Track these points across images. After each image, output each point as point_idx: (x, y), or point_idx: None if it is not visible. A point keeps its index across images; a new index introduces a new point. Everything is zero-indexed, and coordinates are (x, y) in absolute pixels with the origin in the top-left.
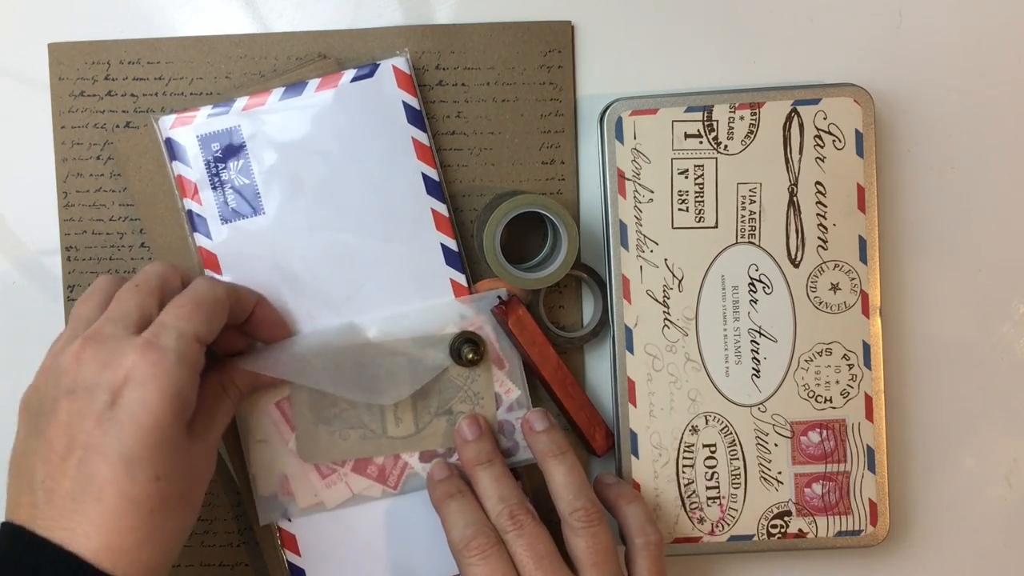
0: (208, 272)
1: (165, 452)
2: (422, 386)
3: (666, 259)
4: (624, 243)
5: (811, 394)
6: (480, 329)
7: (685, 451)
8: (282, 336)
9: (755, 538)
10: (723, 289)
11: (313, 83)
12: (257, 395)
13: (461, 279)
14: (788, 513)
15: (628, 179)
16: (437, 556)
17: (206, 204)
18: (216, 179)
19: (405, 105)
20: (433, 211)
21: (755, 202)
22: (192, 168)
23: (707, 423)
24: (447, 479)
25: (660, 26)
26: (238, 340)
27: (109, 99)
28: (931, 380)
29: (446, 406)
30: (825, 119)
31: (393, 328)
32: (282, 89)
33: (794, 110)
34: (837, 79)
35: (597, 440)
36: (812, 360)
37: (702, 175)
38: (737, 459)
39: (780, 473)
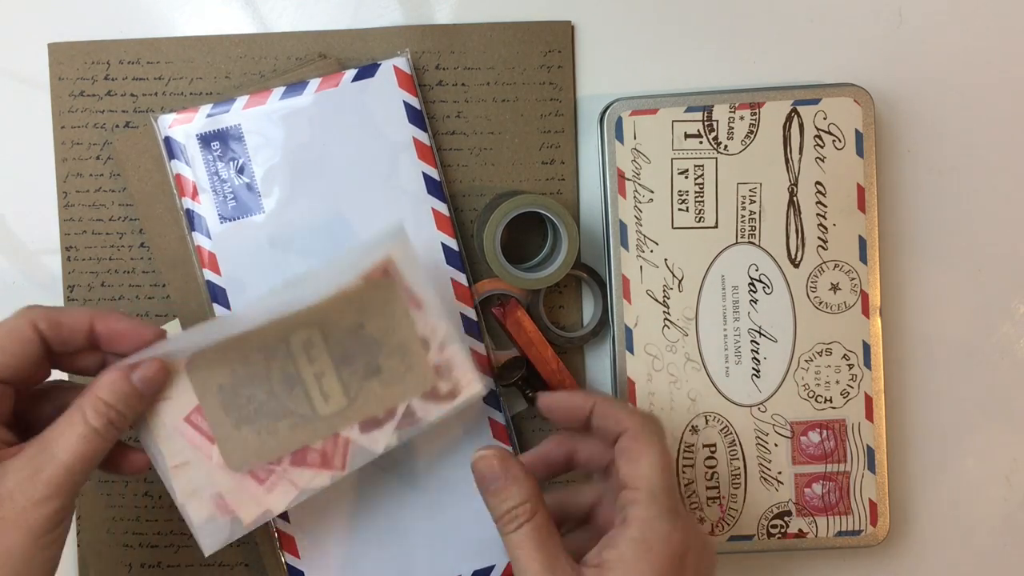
0: (206, 271)
1: None
2: (342, 351)
3: (666, 259)
4: (624, 243)
5: (811, 394)
6: (388, 262)
7: (685, 451)
8: (144, 342)
9: (755, 538)
10: (723, 289)
11: (313, 83)
12: (156, 418)
13: (461, 279)
14: (788, 513)
15: (628, 179)
16: (437, 557)
17: (205, 203)
18: (215, 178)
19: (406, 105)
20: (433, 211)
21: (755, 202)
22: (191, 167)
23: (707, 423)
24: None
25: (660, 26)
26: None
27: (109, 99)
28: (931, 380)
29: (373, 365)
30: (825, 119)
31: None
32: (282, 89)
33: (794, 110)
34: (837, 79)
35: None
36: (812, 360)
37: (702, 175)
38: (737, 459)
39: (780, 473)
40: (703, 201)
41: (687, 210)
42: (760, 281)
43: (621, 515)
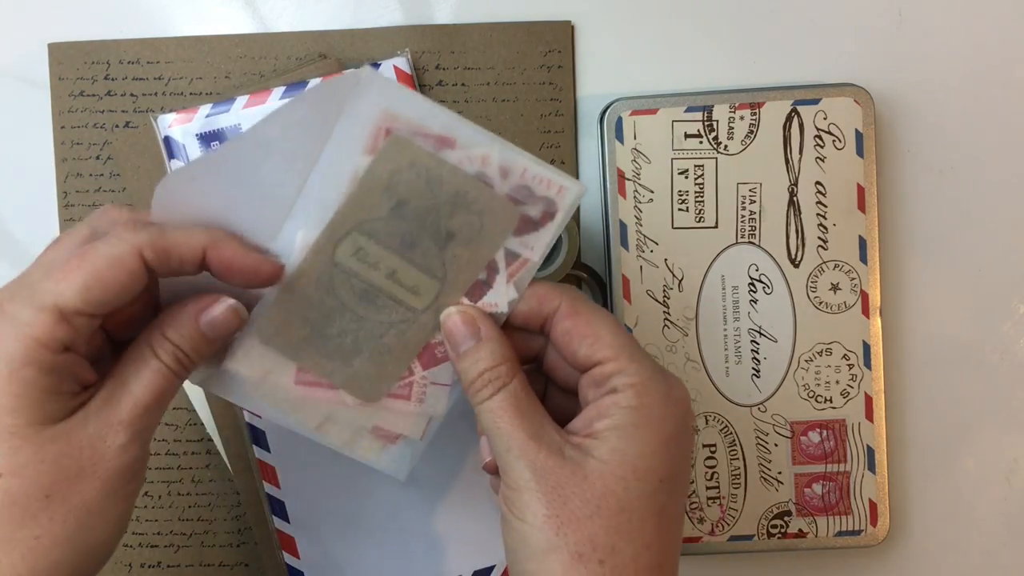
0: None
1: (5, 441)
2: (399, 238)
3: (666, 259)
4: (624, 243)
5: (811, 394)
6: (382, 116)
7: None
8: (261, 279)
9: (755, 538)
10: (723, 289)
11: (314, 82)
12: (270, 399)
13: None
14: (788, 513)
15: (628, 179)
16: (437, 557)
17: None
18: None
19: None
20: None
21: (755, 202)
22: None
23: (707, 423)
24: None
25: (660, 26)
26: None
27: (109, 99)
28: (931, 380)
29: (441, 233)
30: (825, 119)
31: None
32: (282, 89)
33: (794, 110)
34: (837, 79)
35: None
36: (812, 360)
37: (702, 175)
38: (737, 459)
39: (780, 473)
40: (703, 201)
41: (687, 210)
42: (760, 281)
43: (605, 388)
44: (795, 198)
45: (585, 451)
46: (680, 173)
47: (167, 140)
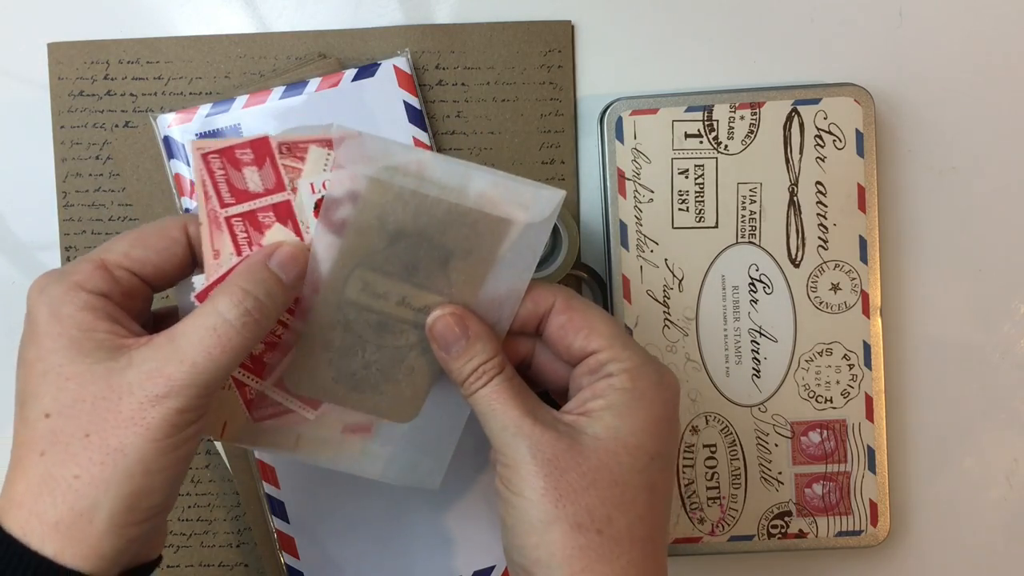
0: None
1: (52, 382)
2: (401, 264)
3: (666, 259)
4: (624, 243)
5: (811, 394)
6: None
7: (685, 451)
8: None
9: (755, 538)
10: (723, 289)
11: (313, 83)
12: (321, 450)
13: None
14: (788, 513)
15: (628, 179)
16: (437, 557)
17: None
18: None
19: (406, 105)
20: None
21: (755, 202)
22: (191, 167)
23: (707, 423)
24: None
25: (660, 26)
26: None
27: (108, 99)
28: (931, 380)
29: (439, 251)
30: (825, 119)
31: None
32: (282, 88)
33: (794, 110)
34: (837, 79)
35: None
36: (812, 360)
37: (702, 175)
38: (737, 459)
39: (780, 473)
40: (703, 201)
41: (687, 210)
42: (760, 281)
43: (600, 374)
44: (795, 198)
45: (579, 428)
46: (680, 173)
47: (167, 140)
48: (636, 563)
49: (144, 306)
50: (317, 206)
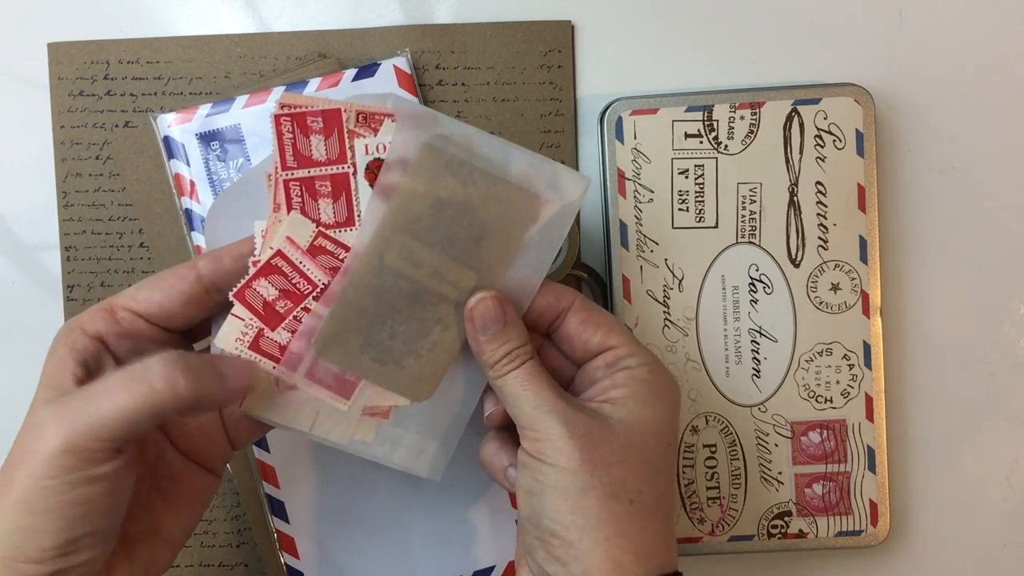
0: None
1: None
2: (442, 234)
3: (666, 259)
4: (624, 243)
5: (811, 394)
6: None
7: (685, 451)
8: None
9: (755, 538)
10: (723, 289)
11: (314, 82)
12: (348, 424)
13: None
14: (788, 513)
15: (628, 179)
16: (437, 557)
17: (204, 203)
18: (215, 178)
19: None
20: None
21: (755, 202)
22: (190, 167)
23: (707, 423)
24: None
25: (660, 26)
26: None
27: (108, 99)
28: (931, 380)
29: (475, 226)
30: (825, 119)
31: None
32: (282, 88)
33: (794, 110)
34: (837, 79)
35: None
36: (812, 360)
37: (702, 175)
38: (737, 459)
39: (780, 473)
40: (703, 201)
41: (687, 210)
42: (760, 281)
43: (618, 366)
44: (795, 198)
45: (604, 413)
46: (680, 173)
47: (166, 140)
48: (662, 534)
49: (154, 348)
50: (367, 168)
